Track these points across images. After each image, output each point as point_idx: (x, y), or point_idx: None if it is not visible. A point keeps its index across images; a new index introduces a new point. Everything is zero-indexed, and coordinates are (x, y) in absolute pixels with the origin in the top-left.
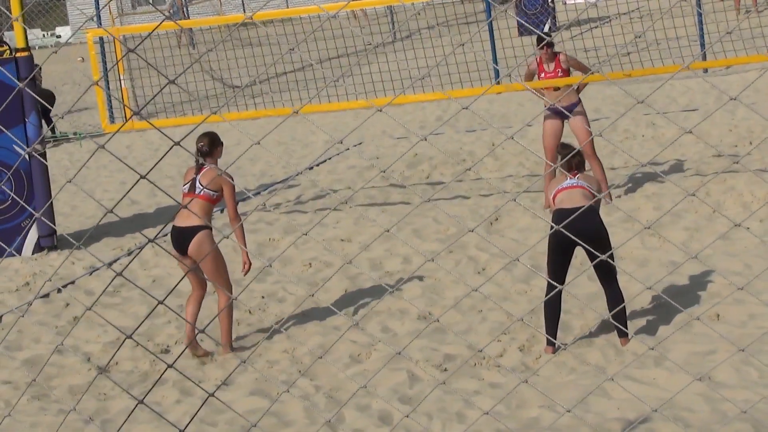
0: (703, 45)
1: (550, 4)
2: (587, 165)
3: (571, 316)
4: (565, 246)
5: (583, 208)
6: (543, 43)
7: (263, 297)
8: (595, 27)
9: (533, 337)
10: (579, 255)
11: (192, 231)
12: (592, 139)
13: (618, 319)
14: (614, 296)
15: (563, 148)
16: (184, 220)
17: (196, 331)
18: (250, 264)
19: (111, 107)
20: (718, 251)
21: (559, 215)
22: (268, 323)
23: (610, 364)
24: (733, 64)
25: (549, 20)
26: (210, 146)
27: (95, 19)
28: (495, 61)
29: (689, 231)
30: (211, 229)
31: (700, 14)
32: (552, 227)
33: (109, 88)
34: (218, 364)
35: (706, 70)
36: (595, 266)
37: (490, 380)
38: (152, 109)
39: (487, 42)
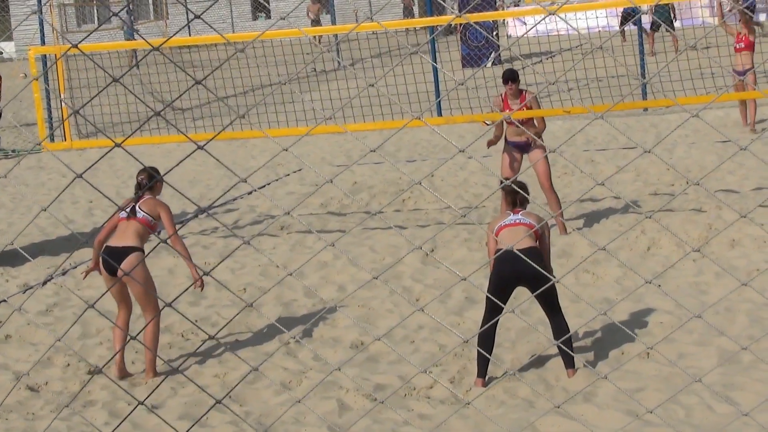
0: (644, 84)
1: (494, 37)
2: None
3: (502, 350)
4: (505, 285)
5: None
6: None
7: (196, 320)
8: (538, 62)
9: (464, 369)
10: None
11: (125, 251)
12: (550, 172)
13: (564, 350)
14: (559, 327)
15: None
16: (119, 240)
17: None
18: (202, 280)
19: (51, 125)
20: (651, 289)
21: (504, 256)
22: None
23: (539, 398)
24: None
25: (493, 53)
26: (149, 180)
27: (38, 35)
28: (437, 92)
29: (623, 268)
30: (143, 252)
31: (642, 52)
32: (496, 267)
33: (50, 107)
34: (148, 387)
35: (646, 109)
36: (539, 301)
37: (419, 411)
38: (92, 128)
39: (430, 74)
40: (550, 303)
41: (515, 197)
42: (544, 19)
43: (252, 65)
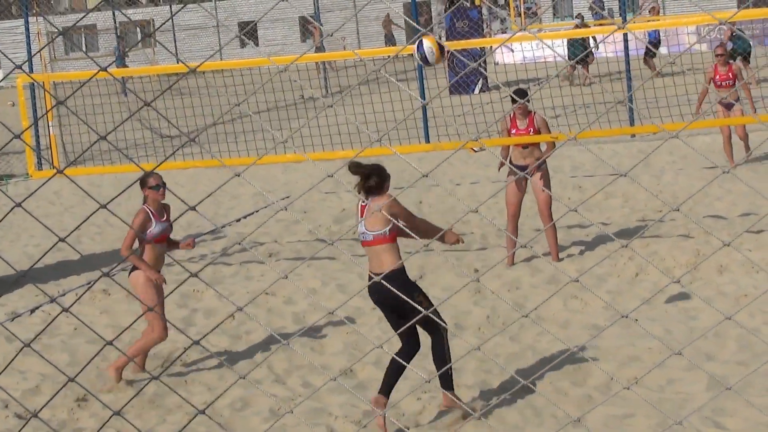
0: (631, 110)
1: (481, 64)
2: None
3: (491, 376)
4: (393, 315)
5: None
6: (521, 101)
7: (185, 348)
8: (526, 88)
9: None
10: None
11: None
12: (551, 200)
13: (443, 374)
14: (439, 351)
15: (356, 167)
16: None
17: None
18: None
19: (39, 154)
20: (640, 315)
21: (369, 284)
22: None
23: (528, 425)
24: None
25: (480, 80)
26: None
27: (26, 64)
28: (425, 119)
29: (611, 294)
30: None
31: (629, 79)
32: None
33: (38, 135)
34: (135, 415)
35: (633, 135)
36: (422, 326)
37: None
38: (81, 157)
39: (416, 101)
40: (430, 327)
41: (366, 185)
42: (525, 43)
43: (238, 93)
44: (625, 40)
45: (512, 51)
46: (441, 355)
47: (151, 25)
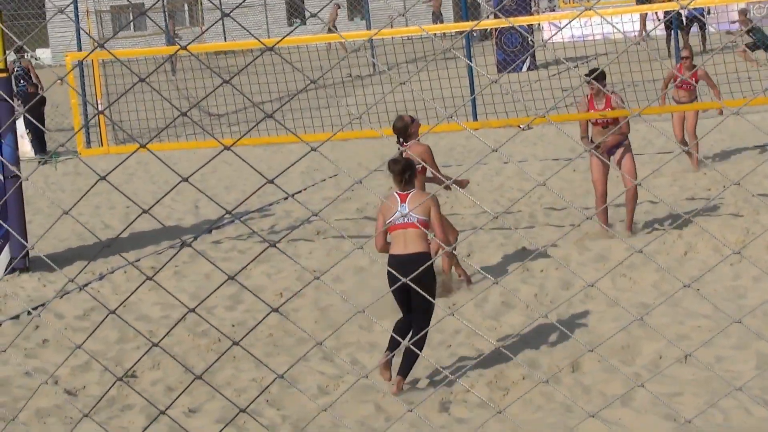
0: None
1: (529, 42)
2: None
3: (539, 354)
4: (400, 289)
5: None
6: (593, 76)
7: (234, 326)
8: (575, 66)
9: (501, 374)
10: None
11: None
12: (636, 175)
13: (408, 358)
14: (418, 328)
15: (394, 164)
16: None
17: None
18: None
19: (88, 132)
20: (688, 294)
21: (394, 263)
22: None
23: (577, 402)
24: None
25: (528, 58)
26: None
27: (75, 42)
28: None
29: (660, 272)
30: None
31: (678, 56)
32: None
33: (86, 113)
34: (186, 392)
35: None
36: (414, 307)
37: (457, 415)
38: (128, 135)
39: (466, 78)
40: (423, 311)
41: (403, 176)
42: (577, 16)
43: (288, 70)
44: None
45: (560, 29)
46: (420, 344)
47: (198, 3)
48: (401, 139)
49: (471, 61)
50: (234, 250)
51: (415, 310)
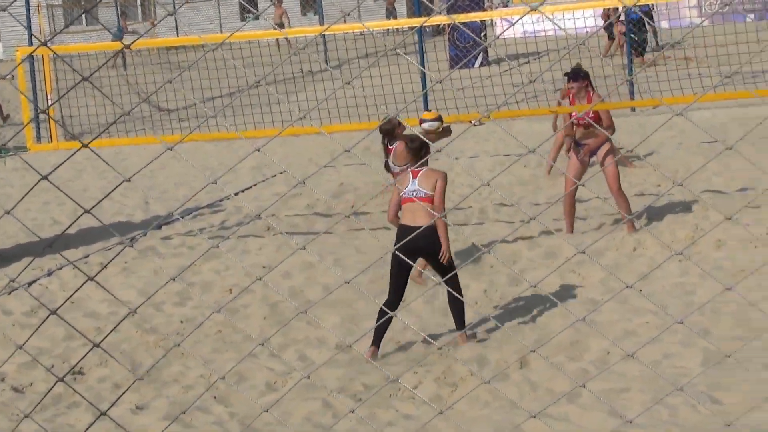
0: (631, 83)
1: (482, 38)
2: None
3: (488, 350)
4: (405, 262)
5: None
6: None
7: (182, 322)
8: (526, 63)
9: (449, 369)
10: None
11: None
12: (619, 175)
13: (458, 317)
14: (454, 295)
15: (411, 142)
16: None
17: None
18: None
19: (38, 127)
20: (635, 290)
21: (403, 232)
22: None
23: (524, 399)
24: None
25: (481, 54)
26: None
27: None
28: (425, 93)
29: (609, 269)
30: None
31: (629, 53)
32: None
33: (37, 108)
34: (132, 389)
35: (633, 109)
36: (437, 271)
37: (404, 412)
38: (79, 129)
39: (416, 74)
40: (447, 272)
41: (419, 153)
42: (525, 15)
43: (239, 66)
44: (626, 15)
45: (512, 24)
46: (458, 299)
47: None
48: (387, 140)
49: (423, 57)
50: (183, 246)
51: (441, 275)
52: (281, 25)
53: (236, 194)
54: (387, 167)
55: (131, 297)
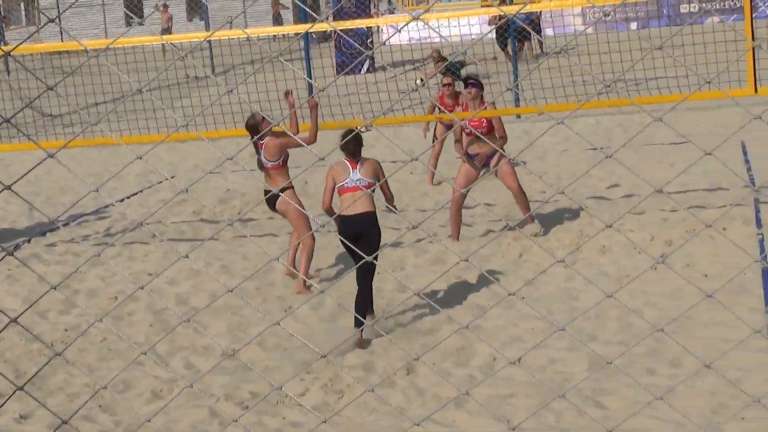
0: (516, 91)
1: (368, 44)
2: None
3: (375, 357)
4: (350, 244)
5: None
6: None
7: (66, 330)
8: (411, 69)
9: (336, 376)
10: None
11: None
12: (516, 173)
13: (360, 311)
14: (365, 291)
15: (346, 137)
16: None
17: None
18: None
19: None
20: (521, 295)
21: (344, 222)
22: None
23: (412, 405)
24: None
25: (367, 61)
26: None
27: None
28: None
29: (494, 274)
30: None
31: (515, 61)
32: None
33: None
34: (15, 398)
35: (518, 116)
36: (360, 265)
37: (291, 419)
38: None
39: (302, 80)
40: (369, 268)
41: (354, 148)
42: (408, 23)
43: (123, 71)
44: (512, 24)
45: (398, 31)
46: (368, 295)
47: (35, 2)
48: (253, 136)
49: (309, 63)
50: (68, 253)
51: (362, 258)
52: (168, 30)
53: (121, 201)
54: (260, 165)
55: (15, 305)
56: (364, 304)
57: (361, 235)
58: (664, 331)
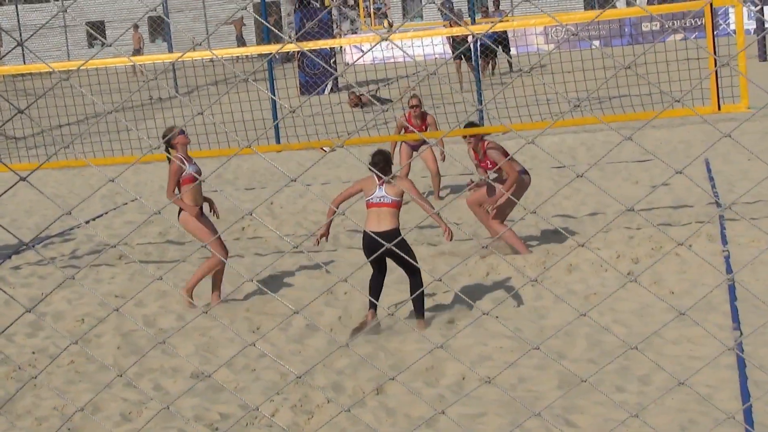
0: (480, 111)
1: (332, 64)
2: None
3: (343, 377)
4: (375, 259)
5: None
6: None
7: (34, 352)
8: (376, 89)
9: (306, 397)
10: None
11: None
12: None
13: (418, 305)
14: (416, 285)
15: (375, 155)
16: None
17: None
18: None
19: None
20: (490, 315)
21: (368, 239)
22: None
23: (382, 425)
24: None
25: (331, 80)
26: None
27: None
28: (275, 119)
29: (465, 293)
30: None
31: (479, 79)
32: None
33: None
34: None
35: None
36: (405, 270)
37: None
38: None
39: (267, 101)
40: (411, 270)
41: (384, 168)
42: (377, 44)
43: (82, 94)
44: (475, 41)
45: (362, 51)
46: (421, 293)
47: None
48: (168, 150)
49: (273, 84)
50: (34, 275)
51: (405, 271)
52: (139, 51)
53: (87, 222)
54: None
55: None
56: (419, 304)
57: (387, 254)
58: (637, 348)
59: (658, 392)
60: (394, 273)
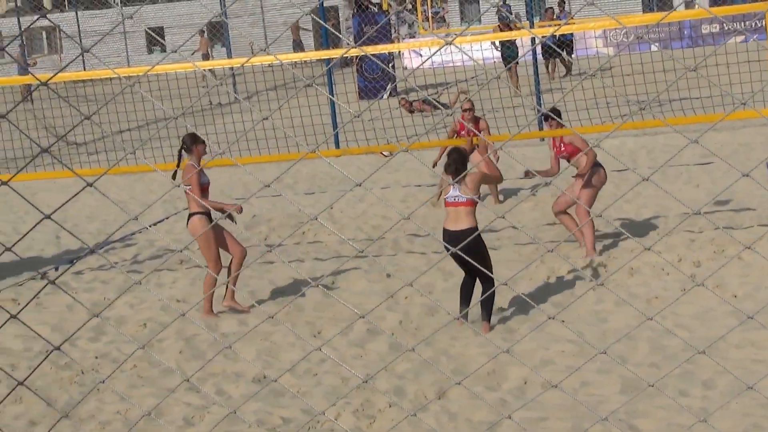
0: (541, 114)
1: (390, 68)
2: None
3: (405, 381)
4: (455, 258)
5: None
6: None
7: (97, 357)
8: (435, 94)
9: (368, 401)
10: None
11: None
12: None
13: (486, 308)
14: (487, 286)
15: (450, 154)
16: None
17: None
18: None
19: None
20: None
21: (447, 237)
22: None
23: (444, 430)
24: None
25: (390, 85)
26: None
27: None
28: (335, 124)
29: (529, 297)
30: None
31: (537, 83)
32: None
33: None
34: (46, 425)
35: (542, 139)
36: (476, 271)
37: None
38: None
39: (327, 106)
40: (484, 275)
41: (457, 167)
42: (440, 49)
43: (147, 99)
44: (533, 44)
45: (421, 56)
46: (490, 297)
47: (57, 30)
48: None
49: (332, 88)
50: (96, 280)
51: (477, 273)
52: (207, 56)
53: (150, 227)
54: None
55: (45, 333)
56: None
57: (464, 251)
58: (705, 352)
59: (721, 396)
60: (456, 276)
